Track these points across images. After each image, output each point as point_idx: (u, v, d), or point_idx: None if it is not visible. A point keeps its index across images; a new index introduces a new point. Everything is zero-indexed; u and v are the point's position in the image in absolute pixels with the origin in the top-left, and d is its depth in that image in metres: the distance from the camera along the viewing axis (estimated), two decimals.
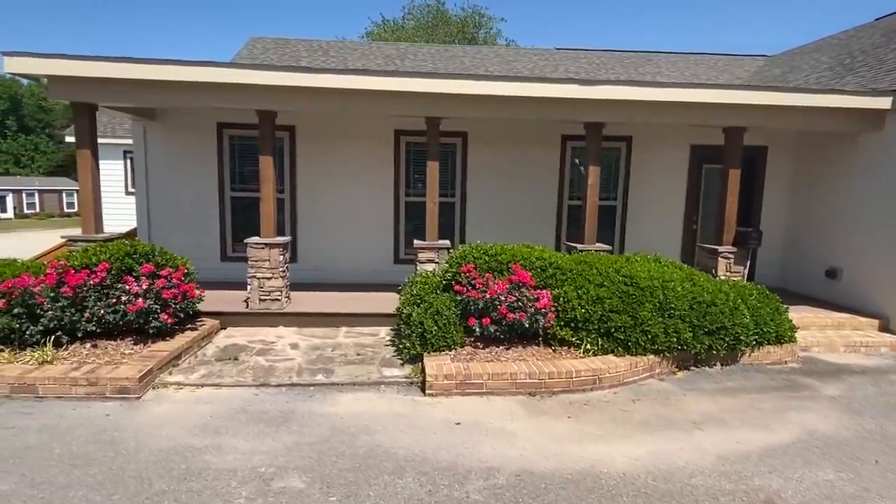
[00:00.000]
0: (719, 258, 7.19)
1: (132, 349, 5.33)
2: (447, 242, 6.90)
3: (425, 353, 5.37)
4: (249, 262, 6.69)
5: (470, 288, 5.61)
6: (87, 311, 5.19)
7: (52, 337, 5.08)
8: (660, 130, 8.42)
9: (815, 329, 6.95)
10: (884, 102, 6.78)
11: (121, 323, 5.31)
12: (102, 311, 5.20)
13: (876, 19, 12.69)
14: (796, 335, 6.17)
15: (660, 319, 5.48)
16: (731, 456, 3.91)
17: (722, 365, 5.85)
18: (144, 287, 5.34)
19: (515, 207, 8.64)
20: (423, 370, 5.17)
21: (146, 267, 5.52)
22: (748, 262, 7.32)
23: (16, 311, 4.97)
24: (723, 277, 6.96)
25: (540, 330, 5.52)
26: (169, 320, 5.48)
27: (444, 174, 8.67)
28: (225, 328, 6.63)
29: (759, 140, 8.61)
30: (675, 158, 8.84)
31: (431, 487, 3.40)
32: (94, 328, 5.24)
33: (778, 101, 6.71)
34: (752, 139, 8.41)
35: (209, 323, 6.36)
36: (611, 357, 5.37)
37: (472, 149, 8.49)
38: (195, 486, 3.35)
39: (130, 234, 8.41)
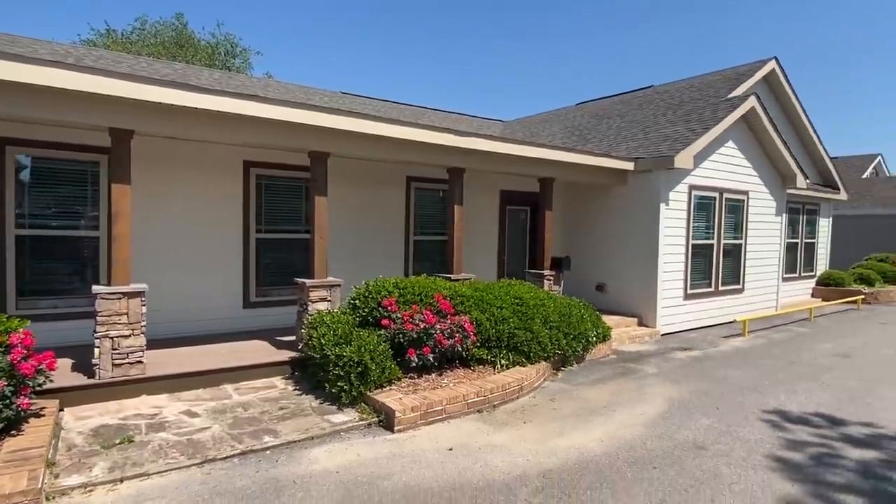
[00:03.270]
0: (544, 280, 8.94)
1: None
2: (339, 280, 6.73)
3: (368, 392, 5.24)
4: (99, 319, 5.21)
5: (400, 321, 5.72)
6: None
7: None
8: (481, 177, 9.93)
9: None
10: (629, 165, 9.70)
11: None
12: None
13: (577, 104, 17.51)
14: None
15: (546, 331, 6.65)
16: (649, 423, 5.19)
17: (577, 363, 7.37)
18: None
19: (368, 243, 8.85)
20: (375, 410, 5.07)
21: None
22: (562, 282, 9.30)
23: None
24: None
25: (464, 352, 6.01)
26: (26, 405, 3.93)
27: (298, 209, 8.32)
28: (63, 409, 4.96)
29: (538, 188, 10.99)
30: (490, 201, 10.52)
31: None
32: None
33: (578, 160, 8.90)
34: (534, 186, 10.74)
35: (48, 405, 4.68)
36: (519, 368, 6.24)
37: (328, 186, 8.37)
38: None
39: None
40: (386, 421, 4.91)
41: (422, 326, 5.64)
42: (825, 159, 14.53)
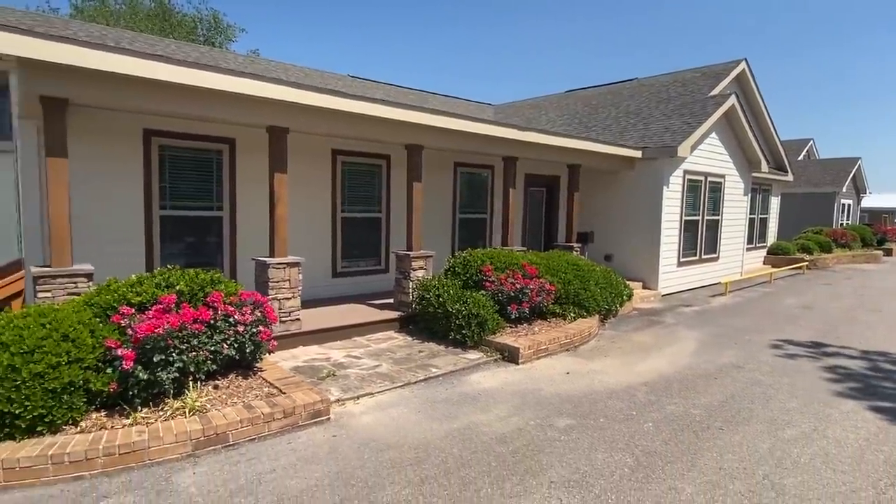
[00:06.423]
0: (573, 250, 10.62)
1: (245, 382, 4.87)
2: (433, 252, 8.08)
3: (486, 337, 6.74)
4: (270, 284, 6.38)
5: (498, 283, 7.21)
6: (204, 348, 4.53)
7: (187, 382, 4.29)
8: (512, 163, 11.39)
9: None
10: (637, 153, 11.45)
11: (237, 357, 4.79)
12: (225, 347, 4.63)
13: (566, 92, 19.11)
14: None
15: (598, 290, 8.34)
16: (692, 354, 7.00)
17: (613, 317, 9.14)
18: (259, 315, 4.95)
19: (426, 222, 10.14)
20: (497, 349, 6.58)
21: (245, 294, 5.04)
22: (586, 253, 11.03)
23: (156, 358, 4.02)
24: None
25: (544, 308, 7.59)
26: (274, 346, 5.18)
27: (371, 191, 9.52)
28: None
29: (557, 172, 12.61)
30: (518, 184, 12.01)
31: (630, 401, 5.22)
32: (210, 367, 4.59)
33: (600, 149, 10.52)
34: (552, 170, 12.34)
35: None
36: (582, 319, 7.90)
37: (393, 172, 9.61)
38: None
39: (15, 266, 6.21)
40: (510, 356, 6.44)
41: (517, 287, 7.16)
42: (778, 147, 16.99)
